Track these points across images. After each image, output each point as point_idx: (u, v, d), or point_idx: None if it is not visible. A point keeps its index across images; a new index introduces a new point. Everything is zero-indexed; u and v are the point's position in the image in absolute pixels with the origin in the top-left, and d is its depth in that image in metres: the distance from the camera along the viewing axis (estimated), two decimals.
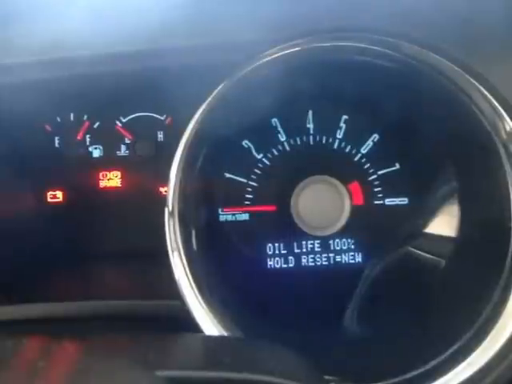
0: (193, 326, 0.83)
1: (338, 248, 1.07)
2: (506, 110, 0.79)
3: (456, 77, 0.81)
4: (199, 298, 0.83)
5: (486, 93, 0.80)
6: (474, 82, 0.80)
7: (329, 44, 0.84)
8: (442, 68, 0.82)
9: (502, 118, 0.80)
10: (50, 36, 0.86)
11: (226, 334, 0.82)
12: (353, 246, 1.07)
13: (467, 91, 0.81)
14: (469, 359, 0.78)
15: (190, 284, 0.84)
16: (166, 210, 0.86)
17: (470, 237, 0.94)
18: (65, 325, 0.86)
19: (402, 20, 0.82)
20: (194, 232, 0.89)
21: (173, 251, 0.85)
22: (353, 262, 1.07)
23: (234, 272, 0.99)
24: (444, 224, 1.00)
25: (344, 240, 1.07)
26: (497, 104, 0.80)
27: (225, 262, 1.00)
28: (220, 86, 0.84)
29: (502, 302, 0.80)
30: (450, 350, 0.81)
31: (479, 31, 0.81)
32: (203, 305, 0.83)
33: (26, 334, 0.57)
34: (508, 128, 0.80)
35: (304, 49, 0.84)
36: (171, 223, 0.85)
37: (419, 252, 1.03)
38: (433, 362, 0.81)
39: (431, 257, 1.01)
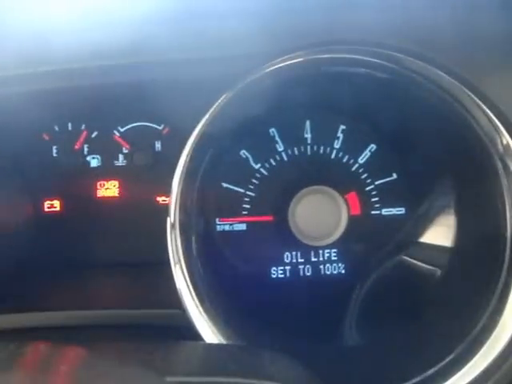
0: (193, 335, 0.83)
1: (336, 258, 1.07)
2: (502, 124, 0.80)
3: (453, 89, 0.82)
4: (199, 306, 0.84)
5: (482, 105, 0.81)
6: (471, 94, 0.81)
7: (327, 56, 0.85)
8: (438, 80, 0.83)
9: (498, 131, 0.81)
10: (47, 48, 0.86)
11: (225, 342, 0.82)
12: (350, 256, 1.07)
13: (464, 103, 0.83)
14: (465, 368, 0.79)
15: (191, 293, 0.84)
16: (168, 220, 0.85)
17: (467, 247, 0.95)
18: (66, 334, 0.85)
19: (400, 33, 0.83)
20: (194, 242, 0.89)
21: (174, 261, 0.85)
22: (350, 271, 1.07)
23: (232, 281, 0.99)
24: (440, 234, 1.00)
25: (341, 250, 1.07)
26: (494, 117, 0.81)
27: (223, 272, 1.00)
28: (221, 98, 0.84)
29: (498, 311, 0.81)
30: (447, 359, 0.82)
31: (476, 44, 0.82)
32: (203, 314, 0.83)
33: (28, 343, 0.57)
34: (505, 141, 0.81)
35: (302, 61, 0.85)
36: (173, 234, 0.85)
37: (416, 261, 1.04)
38: (430, 371, 0.82)
39: (427, 266, 1.02)
